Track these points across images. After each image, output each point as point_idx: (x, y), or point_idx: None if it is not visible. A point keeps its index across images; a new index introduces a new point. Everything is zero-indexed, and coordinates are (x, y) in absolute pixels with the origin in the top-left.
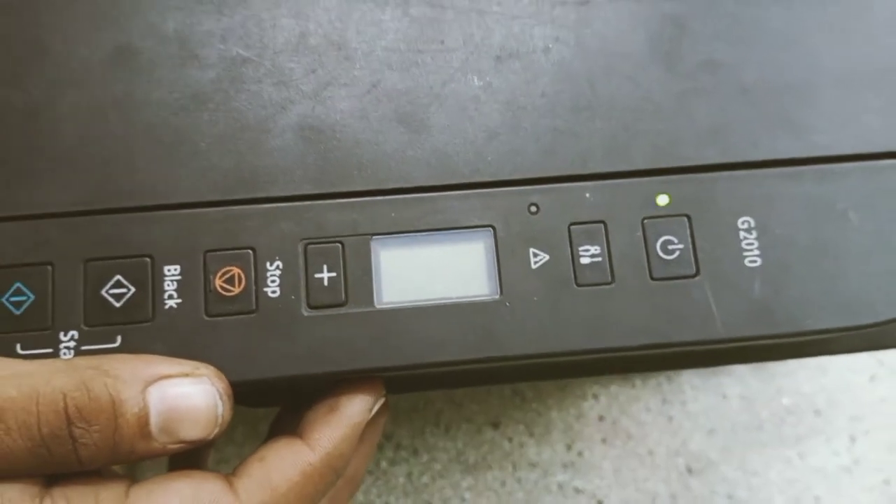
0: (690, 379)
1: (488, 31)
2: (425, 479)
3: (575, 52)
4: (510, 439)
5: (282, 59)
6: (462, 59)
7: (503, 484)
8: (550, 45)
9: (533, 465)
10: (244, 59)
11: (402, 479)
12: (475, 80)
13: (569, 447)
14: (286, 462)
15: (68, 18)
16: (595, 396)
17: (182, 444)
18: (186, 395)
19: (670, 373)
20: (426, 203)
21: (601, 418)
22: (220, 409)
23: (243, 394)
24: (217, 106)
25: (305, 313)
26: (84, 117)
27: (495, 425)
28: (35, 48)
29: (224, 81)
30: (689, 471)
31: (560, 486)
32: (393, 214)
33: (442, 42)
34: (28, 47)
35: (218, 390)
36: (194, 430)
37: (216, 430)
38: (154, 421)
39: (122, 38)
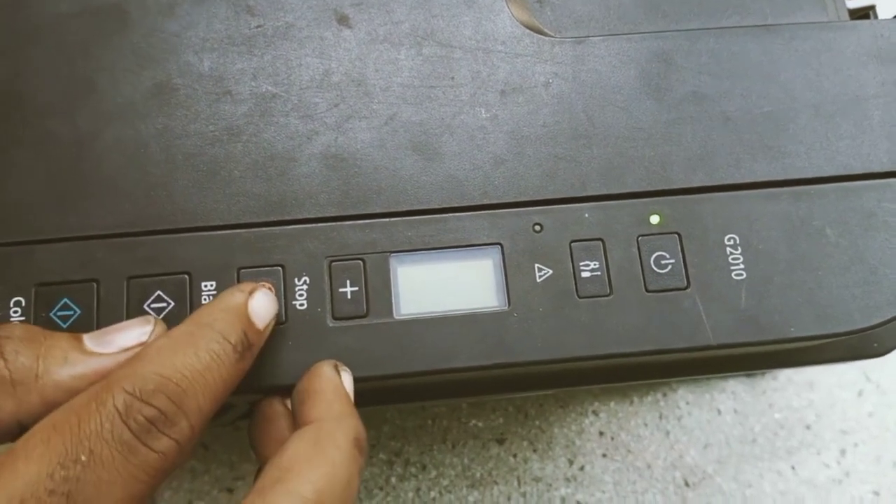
0: (685, 395)
1: (494, 68)
2: (433, 494)
3: (573, 86)
4: (515, 455)
5: (307, 94)
6: (470, 94)
7: (508, 498)
8: (550, 80)
9: (537, 480)
10: (273, 95)
11: (411, 495)
12: (482, 112)
13: (571, 462)
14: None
15: (113, 58)
16: (595, 413)
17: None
18: None
19: (666, 389)
20: (439, 223)
21: (601, 434)
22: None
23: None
24: (249, 137)
25: (331, 324)
26: (127, 147)
27: (500, 441)
28: (83, 84)
29: (255, 115)
30: (686, 483)
31: (563, 500)
32: (409, 234)
33: (452, 78)
34: (77, 84)
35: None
36: None
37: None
38: None
39: (161, 76)
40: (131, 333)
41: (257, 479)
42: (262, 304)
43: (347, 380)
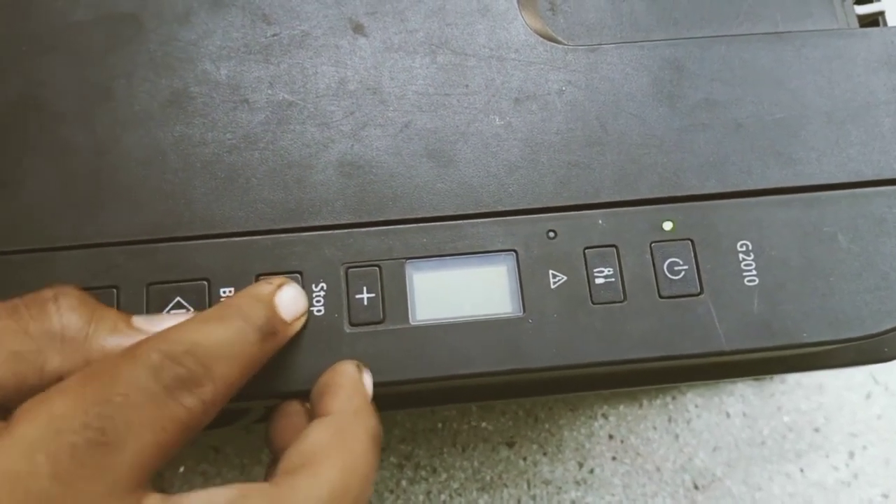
0: (694, 398)
1: (508, 76)
2: (444, 497)
3: (586, 93)
4: (524, 458)
5: (323, 102)
6: (484, 101)
7: (518, 501)
8: (564, 88)
9: (547, 483)
10: (290, 103)
11: (421, 497)
12: (497, 119)
13: (580, 465)
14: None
15: (130, 66)
16: (604, 416)
17: None
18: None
19: (675, 392)
20: (454, 230)
21: (611, 437)
22: None
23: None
24: (266, 145)
25: (347, 330)
26: (146, 155)
27: (510, 445)
28: (100, 92)
29: (272, 123)
30: (696, 486)
31: (573, 503)
32: (425, 240)
33: (466, 86)
34: (95, 92)
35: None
36: None
37: None
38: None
39: (178, 84)
40: (177, 320)
41: (276, 464)
42: (289, 297)
43: (368, 380)
